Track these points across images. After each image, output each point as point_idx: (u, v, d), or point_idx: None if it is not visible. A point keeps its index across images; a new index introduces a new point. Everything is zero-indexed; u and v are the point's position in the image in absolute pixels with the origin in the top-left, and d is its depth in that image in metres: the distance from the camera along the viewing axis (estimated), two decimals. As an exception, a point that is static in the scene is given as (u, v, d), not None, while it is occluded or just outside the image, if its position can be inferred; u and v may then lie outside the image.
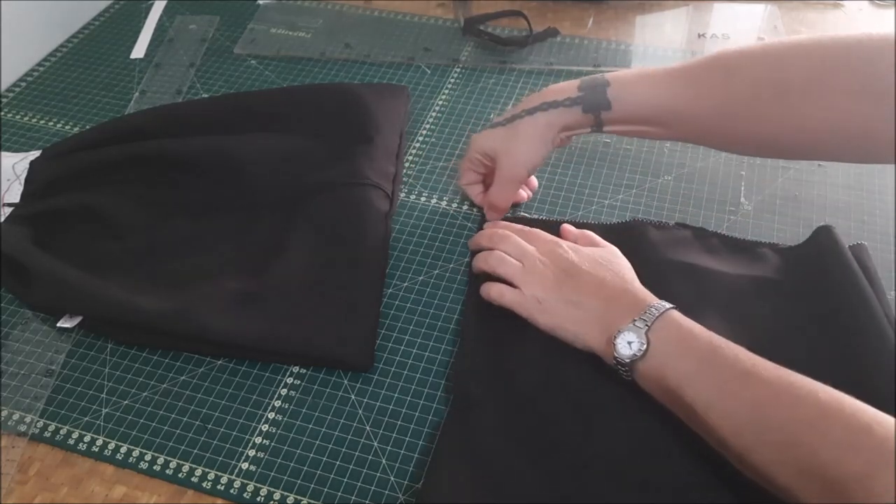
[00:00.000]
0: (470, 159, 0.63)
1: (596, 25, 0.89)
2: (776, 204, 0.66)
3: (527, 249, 0.56)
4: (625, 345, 0.48)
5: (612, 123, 0.58)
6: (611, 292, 0.52)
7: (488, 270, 0.57)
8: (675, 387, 0.46)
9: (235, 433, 0.52)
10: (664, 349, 0.47)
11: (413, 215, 0.67)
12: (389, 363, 0.56)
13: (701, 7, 0.91)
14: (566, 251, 0.55)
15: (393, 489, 0.49)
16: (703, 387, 0.45)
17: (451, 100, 0.79)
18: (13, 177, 0.69)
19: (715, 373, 0.45)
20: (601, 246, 0.57)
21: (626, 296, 0.51)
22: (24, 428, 0.53)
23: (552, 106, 0.58)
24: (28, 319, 0.60)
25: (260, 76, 0.83)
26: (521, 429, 0.50)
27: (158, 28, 0.91)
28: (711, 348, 0.46)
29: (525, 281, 0.55)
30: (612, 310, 0.50)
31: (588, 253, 0.55)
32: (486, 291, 0.56)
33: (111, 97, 0.81)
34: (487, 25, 0.88)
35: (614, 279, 0.52)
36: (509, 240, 0.57)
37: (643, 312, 0.49)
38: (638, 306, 0.49)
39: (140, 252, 0.62)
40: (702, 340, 0.46)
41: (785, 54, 0.52)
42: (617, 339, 0.48)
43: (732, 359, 0.45)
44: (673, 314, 0.49)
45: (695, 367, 0.45)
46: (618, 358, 0.48)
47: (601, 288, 0.52)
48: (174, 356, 0.57)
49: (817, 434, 0.39)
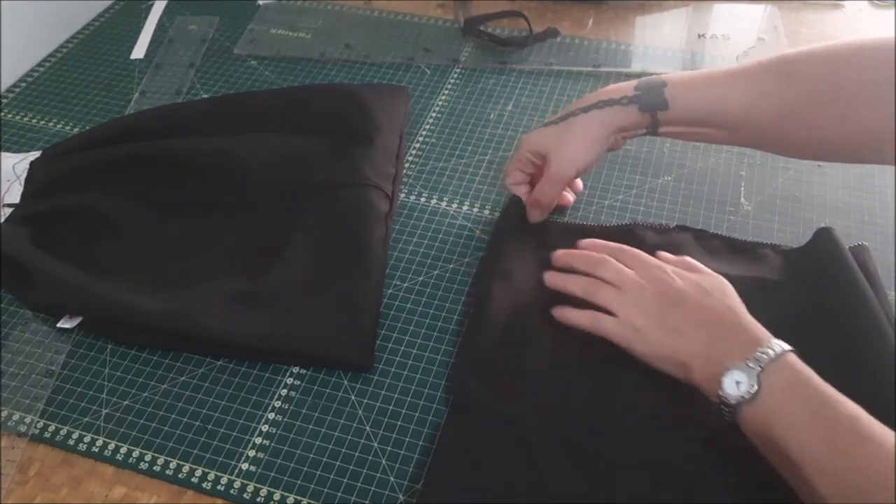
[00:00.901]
0: (519, 159, 0.61)
1: (596, 26, 0.89)
2: (776, 204, 0.66)
3: (627, 275, 0.53)
4: (732, 385, 0.45)
5: (668, 124, 0.57)
6: (720, 324, 0.48)
7: (583, 297, 0.54)
8: (781, 437, 0.43)
9: (235, 433, 0.52)
10: (776, 395, 0.44)
11: (413, 215, 0.67)
12: (389, 363, 0.56)
13: (701, 7, 0.91)
14: (671, 277, 0.52)
15: (393, 489, 0.49)
16: (815, 444, 0.41)
17: (450, 100, 0.79)
18: (13, 177, 0.69)
19: (830, 431, 0.41)
20: (704, 273, 0.53)
21: (738, 330, 0.47)
22: (24, 428, 0.53)
23: (608, 104, 0.56)
24: (28, 319, 0.60)
25: (260, 76, 0.83)
26: (521, 429, 0.50)
27: (158, 28, 0.91)
28: (829, 403, 0.42)
29: (624, 309, 0.51)
30: (720, 344, 0.47)
31: (695, 280, 0.52)
32: (578, 318, 0.53)
33: (111, 97, 0.81)
34: (487, 26, 0.88)
35: (724, 310, 0.49)
36: (608, 265, 0.54)
37: (757, 351, 0.45)
38: (751, 344, 0.46)
39: (140, 252, 0.62)
40: (819, 392, 0.43)
41: (848, 56, 0.51)
42: (725, 377, 0.45)
43: (850, 419, 0.41)
44: (790, 358, 0.45)
45: (808, 419, 0.42)
46: (723, 398, 0.45)
47: (709, 319, 0.49)
48: (174, 356, 0.57)
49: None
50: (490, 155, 0.72)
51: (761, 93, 0.53)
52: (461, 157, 0.72)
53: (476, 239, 0.64)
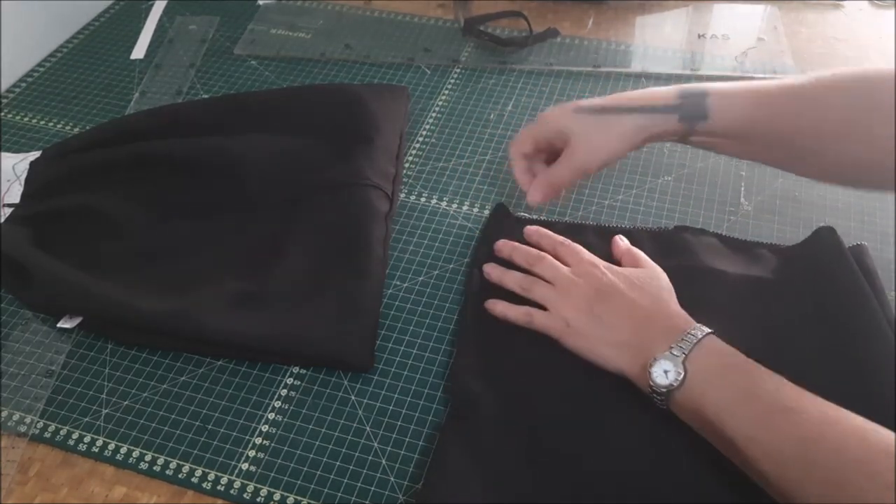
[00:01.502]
0: (536, 136, 0.60)
1: (596, 26, 0.89)
2: (776, 204, 0.66)
3: (560, 272, 0.55)
4: (661, 374, 0.46)
5: (703, 135, 0.56)
6: (645, 315, 0.50)
7: (519, 293, 0.56)
8: (714, 418, 0.44)
9: (235, 433, 0.52)
10: (702, 378, 0.45)
11: (413, 215, 0.67)
12: (389, 363, 0.56)
13: (701, 7, 0.91)
14: (602, 272, 0.53)
15: (393, 489, 0.49)
16: (744, 420, 0.43)
17: (451, 100, 0.79)
18: (13, 177, 0.69)
19: (757, 406, 0.43)
20: (644, 266, 0.55)
21: (661, 319, 0.49)
22: (24, 428, 0.53)
23: (650, 110, 0.56)
24: (28, 320, 0.60)
25: (260, 77, 0.83)
26: (522, 429, 0.50)
27: (158, 28, 0.91)
28: (752, 379, 0.44)
29: (556, 303, 0.53)
30: (646, 334, 0.49)
31: (626, 274, 0.53)
32: (512, 314, 0.55)
33: (111, 98, 0.81)
34: (487, 26, 0.88)
35: (649, 301, 0.51)
36: (544, 262, 0.56)
37: (680, 339, 0.47)
38: (674, 331, 0.48)
39: (140, 252, 0.62)
40: (742, 370, 0.45)
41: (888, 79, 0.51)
42: (653, 367, 0.47)
43: (774, 391, 0.43)
44: (711, 341, 0.47)
45: (735, 397, 0.44)
46: (653, 387, 0.47)
47: (634, 310, 0.50)
48: (174, 356, 0.57)
49: (865, 475, 0.38)
50: (490, 155, 0.72)
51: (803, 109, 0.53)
52: (461, 157, 0.72)
53: (476, 239, 0.64)
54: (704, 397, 0.45)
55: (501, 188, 0.69)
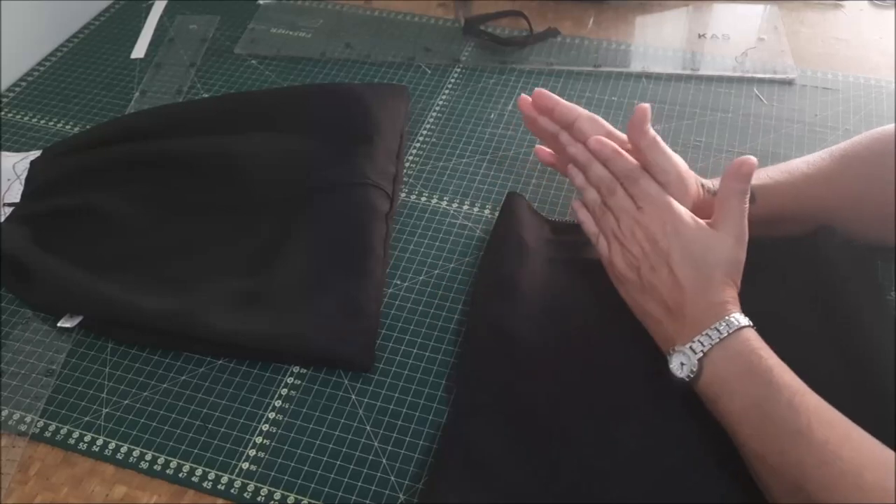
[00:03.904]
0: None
1: (596, 26, 0.89)
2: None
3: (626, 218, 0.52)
4: (678, 365, 0.46)
5: None
6: (681, 300, 0.48)
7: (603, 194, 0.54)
8: (725, 421, 0.45)
9: (236, 433, 0.52)
10: (719, 379, 0.45)
11: (413, 215, 0.67)
12: (389, 363, 0.56)
13: (701, 7, 0.91)
14: (664, 233, 0.50)
15: (393, 489, 0.49)
16: (753, 435, 0.43)
17: (451, 100, 0.79)
18: (13, 177, 0.69)
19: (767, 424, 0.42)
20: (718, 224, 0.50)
21: (696, 306, 0.47)
22: (25, 428, 0.53)
23: None
24: (28, 319, 0.60)
25: (260, 76, 0.83)
26: (522, 429, 0.50)
27: (159, 28, 0.91)
28: (768, 390, 0.43)
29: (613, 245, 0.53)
30: (676, 320, 0.48)
31: (687, 240, 0.49)
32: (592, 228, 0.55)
33: (111, 97, 0.81)
34: (488, 25, 0.88)
35: (692, 282, 0.48)
36: (617, 197, 0.53)
37: (706, 332, 0.46)
38: (704, 322, 0.46)
39: (140, 252, 0.62)
40: (761, 380, 0.43)
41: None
42: (672, 356, 0.47)
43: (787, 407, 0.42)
44: (737, 339, 0.45)
45: (746, 409, 0.43)
46: (672, 371, 0.47)
47: (673, 291, 0.48)
48: (174, 356, 0.57)
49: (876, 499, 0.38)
50: (490, 154, 0.72)
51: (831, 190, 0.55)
52: (461, 157, 0.72)
53: (476, 238, 0.64)
54: (718, 401, 0.45)
55: (502, 188, 0.69)
